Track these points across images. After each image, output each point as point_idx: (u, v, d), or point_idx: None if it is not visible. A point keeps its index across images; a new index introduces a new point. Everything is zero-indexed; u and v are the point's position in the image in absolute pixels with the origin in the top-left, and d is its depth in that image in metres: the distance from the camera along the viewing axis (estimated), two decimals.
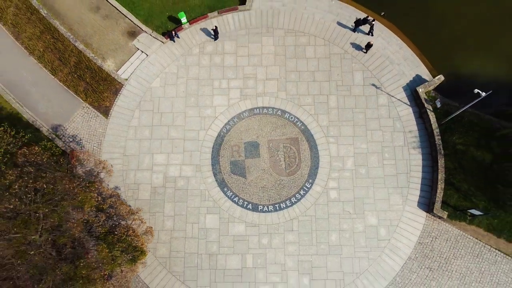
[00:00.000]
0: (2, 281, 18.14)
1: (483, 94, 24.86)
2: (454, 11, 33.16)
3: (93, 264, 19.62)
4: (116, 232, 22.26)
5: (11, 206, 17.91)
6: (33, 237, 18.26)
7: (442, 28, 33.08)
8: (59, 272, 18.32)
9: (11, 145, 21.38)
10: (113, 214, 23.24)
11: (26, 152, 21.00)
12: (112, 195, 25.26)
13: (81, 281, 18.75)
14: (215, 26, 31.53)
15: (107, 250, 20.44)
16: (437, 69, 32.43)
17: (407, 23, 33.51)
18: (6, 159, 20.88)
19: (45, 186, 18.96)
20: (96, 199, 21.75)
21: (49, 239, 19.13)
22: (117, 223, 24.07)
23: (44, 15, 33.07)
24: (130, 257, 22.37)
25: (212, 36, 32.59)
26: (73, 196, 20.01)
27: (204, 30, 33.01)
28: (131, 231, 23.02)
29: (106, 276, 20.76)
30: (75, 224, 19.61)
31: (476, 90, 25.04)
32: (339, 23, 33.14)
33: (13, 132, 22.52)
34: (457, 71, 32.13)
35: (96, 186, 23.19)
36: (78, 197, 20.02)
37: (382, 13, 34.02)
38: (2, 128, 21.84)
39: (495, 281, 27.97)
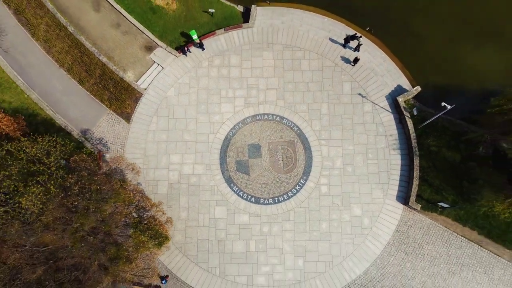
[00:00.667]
0: (63, 260, 23.01)
1: (449, 107, 29.67)
2: (431, 29, 37.69)
3: (131, 247, 24.56)
4: (144, 222, 27.20)
5: (76, 203, 22.73)
6: (91, 225, 23.16)
7: (421, 44, 37.66)
8: (108, 253, 23.24)
9: (63, 153, 26.02)
10: (140, 207, 28.18)
11: (77, 159, 25.78)
12: (137, 190, 30.16)
13: (123, 260, 23.65)
14: (198, 43, 36.31)
15: (141, 236, 25.41)
16: (416, 80, 37.18)
17: (390, 38, 38.12)
18: (62, 165, 25.53)
19: (98, 187, 23.76)
20: (129, 195, 26.61)
21: (99, 227, 24.05)
22: (143, 214, 29.04)
23: (71, 31, 37.59)
24: (157, 242, 27.40)
25: (199, 47, 37.08)
26: (115, 193, 24.84)
27: (212, 45, 37.60)
28: (157, 221, 28.02)
29: (139, 256, 25.77)
30: (118, 216, 24.50)
31: (443, 104, 29.84)
32: (331, 39, 37.75)
33: (64, 142, 27.16)
34: (434, 82, 36.84)
35: (129, 184, 28.07)
36: (121, 195, 24.83)
37: (368, 28, 38.57)
38: (54, 138, 26.52)
39: (460, 263, 33.10)
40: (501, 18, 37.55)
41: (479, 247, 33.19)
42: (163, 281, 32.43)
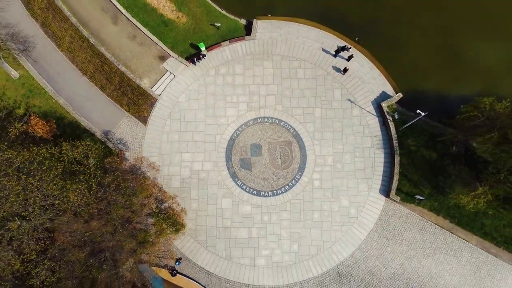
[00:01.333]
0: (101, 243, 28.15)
1: (422, 114, 34.60)
2: (414, 41, 42.35)
3: (153, 233, 29.61)
4: (163, 212, 32.25)
5: (114, 197, 27.74)
6: (126, 215, 28.23)
7: (404, 54, 42.38)
8: (138, 238, 28.31)
9: (97, 155, 30.88)
10: (159, 199, 33.19)
11: (110, 161, 30.73)
12: (156, 185, 35.15)
13: (149, 243, 28.77)
14: (202, 55, 40.98)
15: (162, 224, 30.45)
16: (399, 87, 41.98)
17: (376, 49, 42.77)
18: (96, 165, 30.43)
19: (130, 184, 28.73)
20: (151, 189, 31.57)
21: (131, 217, 29.12)
22: (161, 205, 34.11)
23: (92, 43, 42.22)
24: (174, 229, 32.46)
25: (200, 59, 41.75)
26: (141, 188, 29.82)
27: (218, 56, 42.29)
28: (174, 211, 33.08)
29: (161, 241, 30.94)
30: (144, 207, 29.54)
31: (418, 111, 34.73)
32: (324, 50, 42.43)
33: (97, 146, 32.03)
34: (415, 88, 41.68)
35: (149, 180, 33.10)
36: (146, 190, 29.81)
37: (356, 39, 43.21)
38: (90, 143, 31.39)
39: (434, 247, 38.29)
40: (472, 35, 42.20)
41: (450, 233, 38.38)
42: (177, 263, 37.65)
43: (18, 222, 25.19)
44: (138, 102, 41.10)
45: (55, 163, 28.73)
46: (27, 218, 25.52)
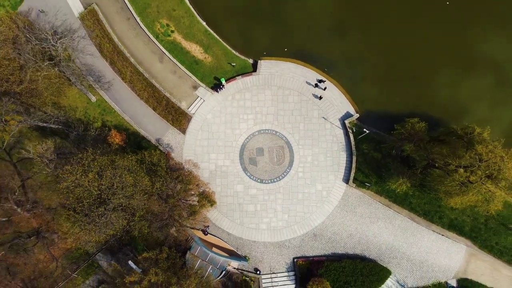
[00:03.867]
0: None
1: (367, 131, 53.68)
2: (369, 74, 61.04)
3: (198, 207, 49.09)
4: (202, 193, 51.53)
5: (170, 192, 46.83)
6: (184, 196, 47.50)
7: (363, 85, 61.09)
8: (190, 210, 47.86)
9: (164, 160, 49.78)
10: (200, 186, 52.51)
11: (174, 163, 49.77)
12: (195, 176, 54.34)
13: (197, 213, 48.30)
14: (222, 86, 59.60)
15: (204, 201, 49.73)
16: (359, 108, 60.82)
17: (343, 80, 61.38)
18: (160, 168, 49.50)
19: (188, 178, 48.08)
20: (195, 179, 50.75)
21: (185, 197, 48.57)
22: (200, 189, 53.47)
23: (146, 76, 60.65)
24: (210, 204, 51.84)
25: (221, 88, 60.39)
26: (192, 178, 48.99)
27: (234, 86, 60.83)
28: (209, 192, 52.41)
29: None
30: (192, 190, 48.86)
31: (364, 129, 53.82)
32: (307, 82, 61.13)
33: (165, 152, 51.08)
34: (369, 110, 60.55)
35: (194, 173, 52.35)
36: (194, 180, 49.06)
37: (325, 69, 61.70)
38: (159, 152, 50.23)
39: (377, 217, 57.91)
40: (416, 64, 60.67)
41: (388, 208, 58.01)
42: (207, 227, 57.25)
43: (126, 200, 44.13)
44: (179, 119, 59.91)
45: (140, 165, 47.65)
46: (133, 198, 44.50)
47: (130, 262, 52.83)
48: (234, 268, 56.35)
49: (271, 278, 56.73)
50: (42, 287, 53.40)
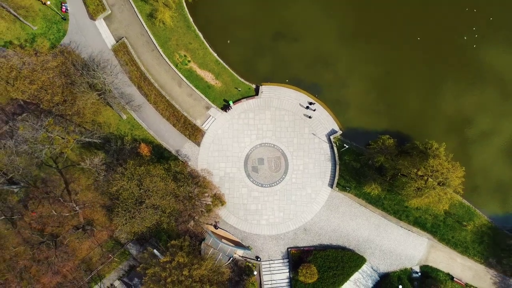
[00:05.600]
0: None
1: (347, 146, 67.00)
2: (351, 99, 74.38)
3: (212, 206, 62.18)
4: (215, 195, 64.69)
5: (190, 194, 59.88)
6: (200, 197, 60.46)
7: (346, 106, 74.41)
8: (206, 208, 60.71)
9: (186, 169, 62.83)
10: (213, 189, 65.65)
11: (191, 171, 62.96)
12: (208, 181, 67.43)
13: (211, 211, 61.40)
14: (230, 107, 72.86)
15: (216, 201, 62.86)
16: (342, 126, 74.07)
17: (330, 102, 74.66)
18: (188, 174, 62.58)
19: (202, 182, 61.13)
20: (209, 184, 63.91)
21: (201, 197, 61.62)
22: (212, 191, 66.64)
23: (168, 98, 73.67)
24: (221, 204, 65.02)
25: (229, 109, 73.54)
26: (206, 183, 62.09)
27: (240, 107, 73.97)
28: (220, 194, 65.61)
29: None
30: (206, 192, 62.00)
31: (344, 144, 67.10)
32: (300, 104, 74.35)
33: (183, 161, 64.23)
34: (351, 127, 73.87)
35: (208, 179, 65.46)
36: (209, 184, 62.17)
37: (316, 95, 75.01)
38: (177, 162, 63.40)
39: (355, 215, 71.20)
40: (390, 91, 74.01)
41: (365, 208, 71.27)
42: (218, 223, 70.30)
43: (159, 200, 57.18)
44: (195, 133, 73.02)
45: (167, 172, 60.72)
46: (163, 199, 57.53)
47: (155, 251, 65.92)
48: (239, 255, 69.43)
49: (269, 264, 69.96)
50: (85, 268, 66.47)
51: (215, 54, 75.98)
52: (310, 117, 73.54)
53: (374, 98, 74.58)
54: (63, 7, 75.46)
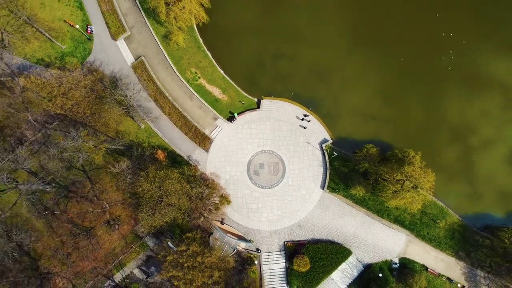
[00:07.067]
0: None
1: (335, 154, 77.66)
2: (341, 113, 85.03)
3: (220, 204, 72.75)
4: (222, 196, 75.20)
5: (201, 194, 70.33)
6: (209, 197, 71.20)
7: (336, 119, 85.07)
8: (214, 207, 71.08)
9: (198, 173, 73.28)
10: (220, 190, 76.19)
11: (202, 175, 73.49)
12: (216, 183, 77.95)
13: (219, 209, 71.86)
14: (235, 118, 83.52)
15: (224, 200, 73.29)
16: (333, 135, 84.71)
17: (322, 115, 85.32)
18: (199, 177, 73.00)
19: (211, 184, 71.65)
20: (217, 186, 74.41)
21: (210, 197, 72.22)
22: (219, 192, 77.22)
23: (180, 110, 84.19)
24: (227, 202, 75.49)
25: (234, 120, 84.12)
26: (215, 185, 72.52)
27: (243, 119, 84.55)
28: (226, 194, 76.11)
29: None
30: (215, 192, 72.55)
31: (334, 152, 77.74)
32: (296, 116, 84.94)
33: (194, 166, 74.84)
34: (341, 137, 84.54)
35: (215, 181, 75.97)
36: (217, 186, 72.70)
37: (310, 108, 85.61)
38: (191, 166, 73.89)
39: (343, 213, 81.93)
40: (373, 106, 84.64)
41: (352, 207, 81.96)
42: (223, 219, 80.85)
43: (176, 200, 67.74)
44: (204, 141, 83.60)
45: (182, 175, 71.29)
46: (180, 198, 68.11)
47: (169, 243, 76.54)
48: (242, 248, 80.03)
49: (268, 255, 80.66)
50: (110, 257, 77.18)
51: (222, 72, 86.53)
52: (305, 127, 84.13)
53: (362, 112, 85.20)
54: (89, 28, 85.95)
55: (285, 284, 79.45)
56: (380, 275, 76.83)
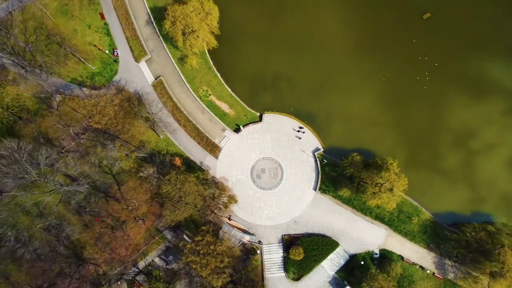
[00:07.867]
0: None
1: (325, 161, 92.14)
2: (331, 125, 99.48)
3: (229, 203, 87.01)
4: (230, 196, 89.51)
5: (212, 195, 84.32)
6: (220, 197, 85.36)
7: (327, 130, 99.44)
8: (223, 205, 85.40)
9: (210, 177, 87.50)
10: (228, 191, 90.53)
11: (213, 179, 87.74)
12: (225, 186, 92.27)
13: (227, 207, 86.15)
14: (240, 130, 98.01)
15: (232, 200, 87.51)
16: (324, 144, 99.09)
17: (316, 127, 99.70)
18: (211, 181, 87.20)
19: (221, 185, 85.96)
20: (226, 188, 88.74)
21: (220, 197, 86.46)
22: (227, 192, 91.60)
23: (194, 123, 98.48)
24: (234, 202, 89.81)
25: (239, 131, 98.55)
26: (224, 188, 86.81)
27: (247, 130, 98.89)
28: (233, 195, 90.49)
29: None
30: (224, 193, 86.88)
31: (324, 160, 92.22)
32: (293, 128, 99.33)
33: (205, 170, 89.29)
34: (332, 146, 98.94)
35: (224, 184, 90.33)
36: (226, 188, 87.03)
37: (305, 121, 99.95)
38: (204, 171, 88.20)
39: (333, 211, 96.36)
40: (360, 120, 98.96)
41: (340, 206, 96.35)
42: (231, 216, 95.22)
43: (192, 199, 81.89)
44: (214, 149, 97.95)
45: (197, 179, 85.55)
46: (196, 198, 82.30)
47: (184, 236, 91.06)
48: (247, 240, 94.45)
49: (269, 246, 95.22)
50: (134, 249, 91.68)
51: (229, 90, 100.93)
52: (300, 138, 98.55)
53: (349, 126, 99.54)
54: (115, 52, 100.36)
55: (283, 271, 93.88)
56: (363, 263, 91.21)
